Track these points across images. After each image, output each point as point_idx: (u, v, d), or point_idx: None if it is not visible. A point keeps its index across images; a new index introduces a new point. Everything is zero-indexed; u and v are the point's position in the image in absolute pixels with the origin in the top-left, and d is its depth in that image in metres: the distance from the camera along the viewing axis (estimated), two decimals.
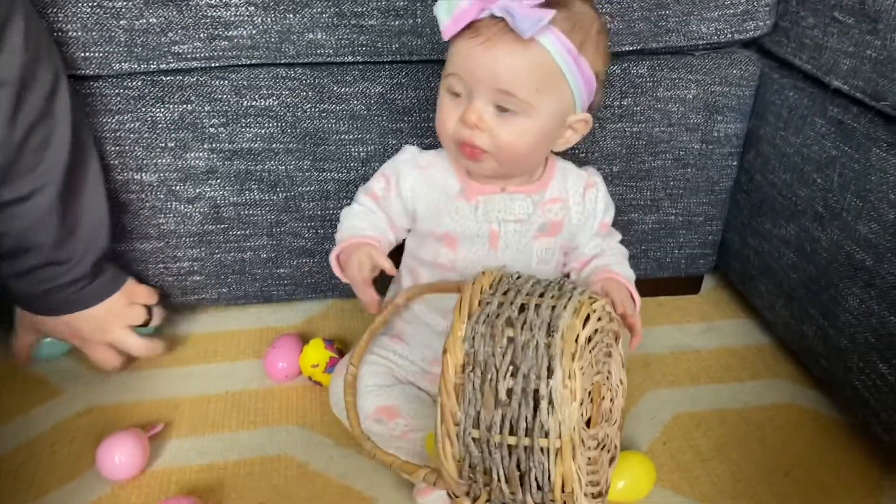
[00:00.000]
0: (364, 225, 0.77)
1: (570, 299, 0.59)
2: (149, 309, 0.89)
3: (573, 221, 0.78)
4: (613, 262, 0.79)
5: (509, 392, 0.56)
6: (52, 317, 0.82)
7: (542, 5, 0.64)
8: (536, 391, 0.56)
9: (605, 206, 0.79)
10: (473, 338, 0.58)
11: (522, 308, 0.60)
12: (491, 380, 0.57)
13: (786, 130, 0.91)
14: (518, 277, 0.64)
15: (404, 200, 0.77)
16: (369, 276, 0.72)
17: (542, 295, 0.61)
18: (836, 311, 0.85)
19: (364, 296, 0.73)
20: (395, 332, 0.89)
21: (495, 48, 0.65)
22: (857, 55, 0.78)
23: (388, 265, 0.71)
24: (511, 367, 0.57)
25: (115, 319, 0.85)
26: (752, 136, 0.98)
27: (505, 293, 0.61)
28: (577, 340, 0.57)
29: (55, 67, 0.74)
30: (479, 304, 0.61)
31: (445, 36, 0.67)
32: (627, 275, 0.78)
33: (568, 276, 0.83)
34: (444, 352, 0.59)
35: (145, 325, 0.90)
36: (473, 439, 0.58)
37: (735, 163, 1.00)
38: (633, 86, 0.91)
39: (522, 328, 0.58)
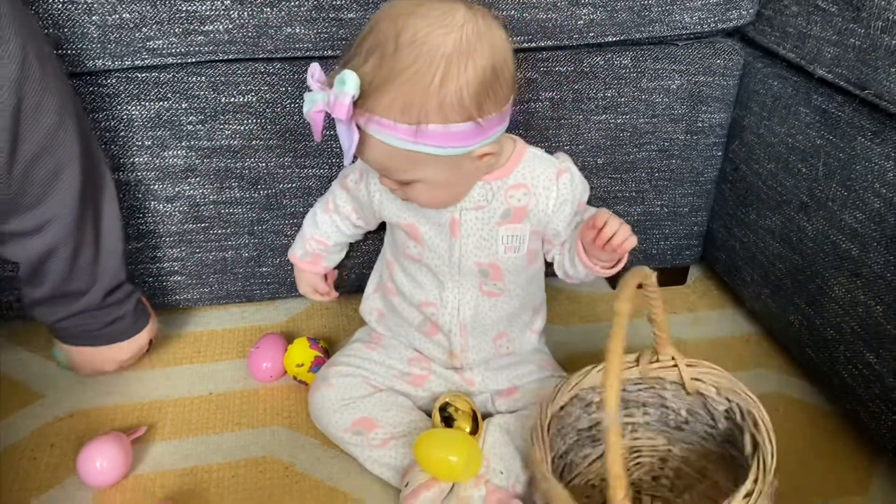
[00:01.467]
0: (313, 243, 0.88)
1: None
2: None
3: (546, 208, 0.75)
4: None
5: None
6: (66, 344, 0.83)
7: (360, 98, 0.61)
8: None
9: (583, 189, 0.78)
10: None
11: None
12: None
13: (770, 120, 0.90)
14: None
15: (370, 192, 0.79)
16: (315, 296, 0.92)
17: None
18: (822, 300, 0.85)
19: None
20: (370, 339, 0.88)
21: (361, 145, 0.65)
22: (841, 44, 0.77)
23: (322, 297, 0.92)
24: None
25: (115, 362, 0.86)
26: (737, 126, 0.97)
27: None
28: None
29: (62, 97, 0.69)
30: None
31: (317, 138, 0.66)
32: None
33: (551, 264, 0.82)
34: None
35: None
36: None
37: (720, 153, 0.99)
38: (616, 77, 0.90)
39: None
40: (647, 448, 0.80)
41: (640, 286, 0.63)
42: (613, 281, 1.14)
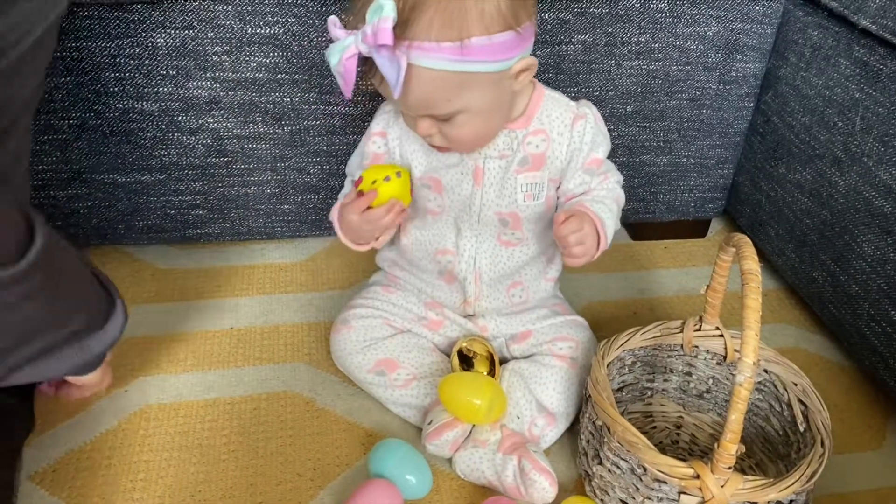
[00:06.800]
0: None
1: None
2: None
3: (561, 154, 0.74)
4: (591, 201, 0.74)
5: None
6: None
7: (396, 26, 0.59)
8: None
9: (594, 140, 0.74)
10: None
11: None
12: None
13: (807, 71, 0.88)
14: None
15: (391, 150, 0.78)
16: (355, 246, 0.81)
17: None
18: (849, 257, 0.84)
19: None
20: (387, 282, 0.88)
21: (404, 83, 0.62)
22: None
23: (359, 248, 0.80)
24: None
25: None
26: (771, 77, 0.95)
27: None
28: None
29: None
30: None
31: (346, 95, 0.63)
32: (598, 212, 0.73)
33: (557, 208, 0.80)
34: None
35: None
36: None
37: (751, 104, 0.98)
38: (652, 21, 0.88)
39: None
40: (658, 414, 0.81)
41: (732, 245, 0.63)
42: (634, 232, 1.13)
